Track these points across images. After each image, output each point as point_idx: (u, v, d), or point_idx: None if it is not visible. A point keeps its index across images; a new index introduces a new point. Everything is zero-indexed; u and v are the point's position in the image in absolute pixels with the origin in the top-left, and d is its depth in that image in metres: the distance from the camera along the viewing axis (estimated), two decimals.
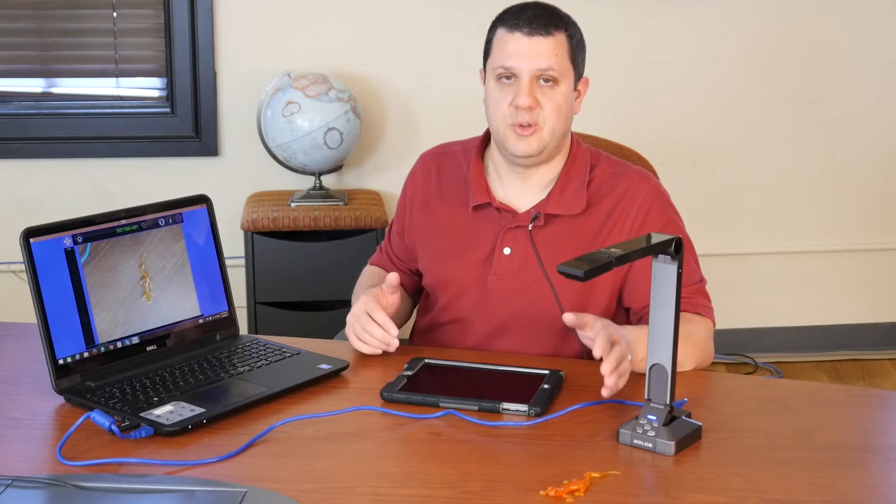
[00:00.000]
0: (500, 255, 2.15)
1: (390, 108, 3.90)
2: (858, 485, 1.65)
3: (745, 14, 3.93)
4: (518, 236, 2.14)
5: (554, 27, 2.08)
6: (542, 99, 2.08)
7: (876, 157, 4.07)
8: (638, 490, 1.64)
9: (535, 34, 2.08)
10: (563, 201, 2.14)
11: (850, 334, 4.20)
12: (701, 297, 2.13)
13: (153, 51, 3.86)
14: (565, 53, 2.09)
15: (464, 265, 2.18)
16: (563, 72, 2.08)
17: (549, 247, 2.12)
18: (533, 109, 2.08)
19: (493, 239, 2.16)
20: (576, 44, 2.11)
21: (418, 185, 2.28)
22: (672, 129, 3.97)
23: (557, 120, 2.09)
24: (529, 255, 2.13)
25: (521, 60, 2.08)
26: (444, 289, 2.21)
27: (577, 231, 2.13)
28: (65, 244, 1.91)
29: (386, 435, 1.79)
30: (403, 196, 2.32)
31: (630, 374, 1.95)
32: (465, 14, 3.80)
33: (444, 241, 2.21)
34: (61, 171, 3.86)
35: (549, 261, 2.10)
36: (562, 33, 2.09)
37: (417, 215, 2.27)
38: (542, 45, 2.07)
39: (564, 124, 2.12)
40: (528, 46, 2.08)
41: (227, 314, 2.13)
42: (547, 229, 2.14)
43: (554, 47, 2.07)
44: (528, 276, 2.13)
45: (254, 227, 3.55)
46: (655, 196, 2.15)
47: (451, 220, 2.21)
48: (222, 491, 1.59)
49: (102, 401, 1.84)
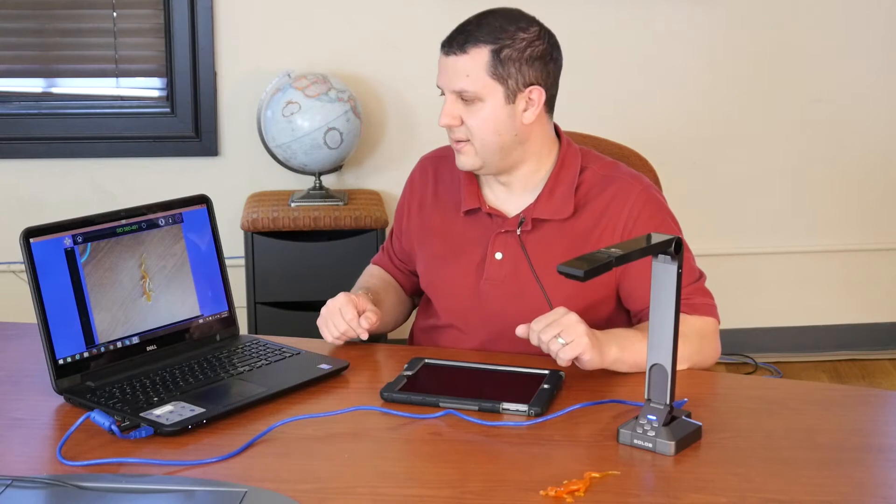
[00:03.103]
0: (492, 261, 2.15)
1: (390, 108, 3.90)
2: (858, 485, 1.65)
3: (745, 14, 3.93)
4: (508, 241, 2.14)
5: (473, 43, 2.05)
6: (465, 115, 2.07)
7: (875, 157, 4.07)
8: (638, 490, 1.64)
9: (451, 53, 2.07)
10: (550, 205, 2.13)
11: (850, 334, 4.20)
12: (700, 296, 2.12)
13: (153, 51, 3.86)
14: (482, 71, 2.04)
15: (457, 270, 2.18)
16: (480, 90, 2.04)
17: (540, 250, 2.12)
18: (452, 127, 2.09)
19: (485, 244, 2.16)
20: (504, 58, 2.04)
21: (416, 188, 2.29)
22: (672, 129, 3.97)
23: (486, 135, 2.07)
24: (520, 259, 2.12)
25: (442, 80, 2.09)
26: (439, 293, 2.22)
27: (566, 234, 2.12)
28: (65, 244, 1.91)
29: (386, 435, 1.79)
30: (402, 198, 2.32)
31: (629, 375, 1.96)
32: (465, 14, 3.79)
33: (438, 246, 2.22)
34: (61, 171, 3.86)
35: (539, 265, 2.10)
36: (483, 48, 2.04)
37: (414, 218, 2.27)
38: (455, 64, 2.06)
39: (498, 139, 2.07)
40: (444, 65, 2.08)
41: (227, 314, 2.13)
42: (536, 233, 2.13)
43: (467, 66, 2.04)
44: (519, 280, 2.12)
45: (254, 227, 3.55)
46: (647, 198, 2.14)
47: (445, 224, 2.22)
48: (222, 491, 1.59)
49: (102, 401, 1.84)
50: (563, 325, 1.91)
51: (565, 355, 1.90)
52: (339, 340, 2.11)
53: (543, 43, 2.08)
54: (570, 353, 1.90)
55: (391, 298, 2.28)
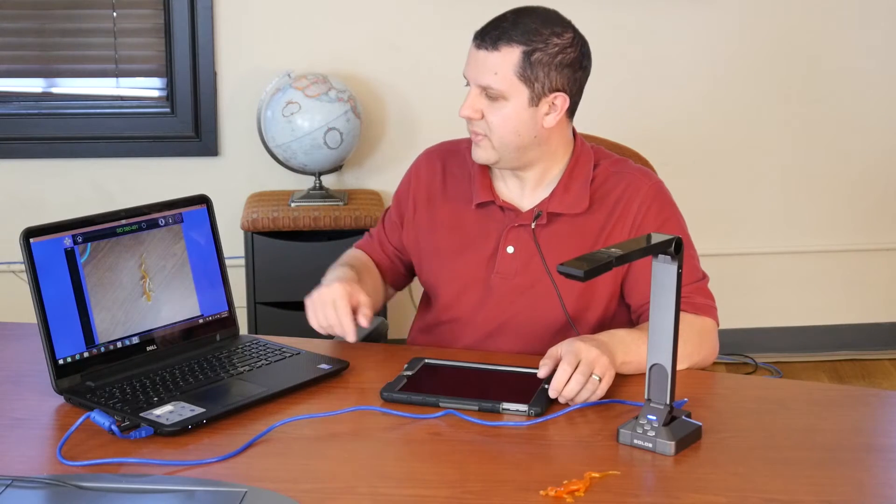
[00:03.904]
0: (504, 254, 2.15)
1: (390, 108, 3.90)
2: (858, 485, 1.65)
3: (745, 14, 3.93)
4: (521, 235, 2.14)
5: (506, 42, 2.04)
6: (487, 111, 2.07)
7: (876, 157, 4.07)
8: (638, 490, 1.64)
9: (482, 47, 2.05)
10: (565, 200, 2.14)
11: (850, 334, 4.20)
12: (700, 295, 2.13)
13: (153, 51, 3.86)
14: (510, 71, 2.03)
15: (466, 263, 2.18)
16: (506, 89, 2.04)
17: (553, 245, 2.12)
18: (472, 120, 2.08)
19: (497, 237, 2.16)
20: (535, 61, 2.03)
21: (423, 181, 2.27)
22: (672, 129, 3.96)
23: (505, 133, 2.07)
24: (533, 253, 2.13)
25: (470, 71, 2.09)
26: (446, 286, 2.21)
27: (580, 229, 2.13)
28: (65, 244, 1.91)
29: (386, 435, 1.79)
30: (406, 189, 2.30)
31: (629, 375, 1.96)
32: (465, 14, 3.80)
33: (447, 239, 2.21)
34: (61, 171, 3.86)
35: (552, 259, 2.10)
36: (515, 48, 2.03)
37: (421, 211, 2.26)
38: (485, 60, 2.05)
39: (517, 139, 2.08)
40: (474, 59, 2.07)
41: (227, 314, 2.13)
42: (550, 228, 2.14)
43: (497, 64, 2.04)
44: (531, 275, 2.13)
45: (254, 227, 3.55)
46: (656, 194, 2.15)
47: (455, 217, 2.21)
48: (222, 491, 1.59)
49: (102, 401, 1.84)
50: (586, 365, 1.86)
51: (605, 389, 1.87)
52: (322, 331, 2.09)
53: (575, 51, 2.07)
54: (608, 384, 1.88)
55: (370, 284, 2.25)
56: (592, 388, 1.85)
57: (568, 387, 1.84)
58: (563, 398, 1.85)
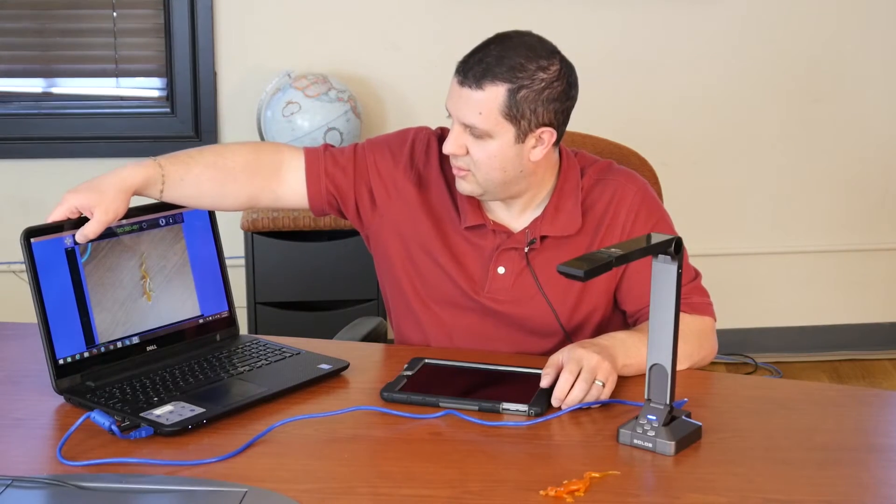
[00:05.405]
0: (495, 275, 2.10)
1: (390, 108, 3.90)
2: (858, 485, 1.65)
3: (745, 14, 3.93)
4: (513, 256, 2.10)
5: (490, 80, 1.94)
6: (472, 147, 1.99)
7: (875, 157, 4.07)
8: (638, 490, 1.64)
9: (465, 84, 1.97)
10: (557, 222, 2.09)
11: (850, 334, 4.20)
12: (697, 294, 2.12)
13: (153, 51, 3.86)
14: (495, 111, 1.95)
15: (455, 284, 2.11)
16: (491, 129, 1.96)
17: (544, 263, 2.08)
18: (457, 156, 2.01)
19: (487, 257, 2.10)
20: (521, 99, 1.95)
21: (417, 158, 2.15)
22: (672, 129, 3.97)
23: (490, 170, 1.99)
24: (525, 274, 2.10)
25: (452, 106, 2.00)
26: (432, 306, 2.14)
27: (570, 244, 2.09)
28: (65, 244, 1.91)
29: (386, 435, 1.79)
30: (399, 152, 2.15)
31: (630, 376, 1.96)
32: (465, 14, 3.80)
33: (431, 256, 2.12)
34: (61, 171, 3.85)
35: (544, 278, 2.07)
36: (500, 87, 1.94)
37: (405, 201, 2.13)
38: (469, 98, 1.96)
39: (502, 175, 2.00)
40: (457, 95, 1.98)
41: (227, 314, 2.13)
42: (540, 248, 2.10)
43: (481, 103, 1.95)
44: (521, 292, 2.10)
45: (254, 227, 3.55)
46: (643, 199, 2.12)
47: (441, 236, 2.12)
48: (222, 491, 1.59)
49: (102, 401, 1.84)
50: (589, 372, 1.86)
51: (608, 392, 1.87)
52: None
53: (562, 84, 1.98)
54: (611, 389, 1.88)
55: (209, 175, 2.06)
56: (596, 394, 1.85)
57: (571, 395, 1.84)
58: (566, 406, 1.84)
